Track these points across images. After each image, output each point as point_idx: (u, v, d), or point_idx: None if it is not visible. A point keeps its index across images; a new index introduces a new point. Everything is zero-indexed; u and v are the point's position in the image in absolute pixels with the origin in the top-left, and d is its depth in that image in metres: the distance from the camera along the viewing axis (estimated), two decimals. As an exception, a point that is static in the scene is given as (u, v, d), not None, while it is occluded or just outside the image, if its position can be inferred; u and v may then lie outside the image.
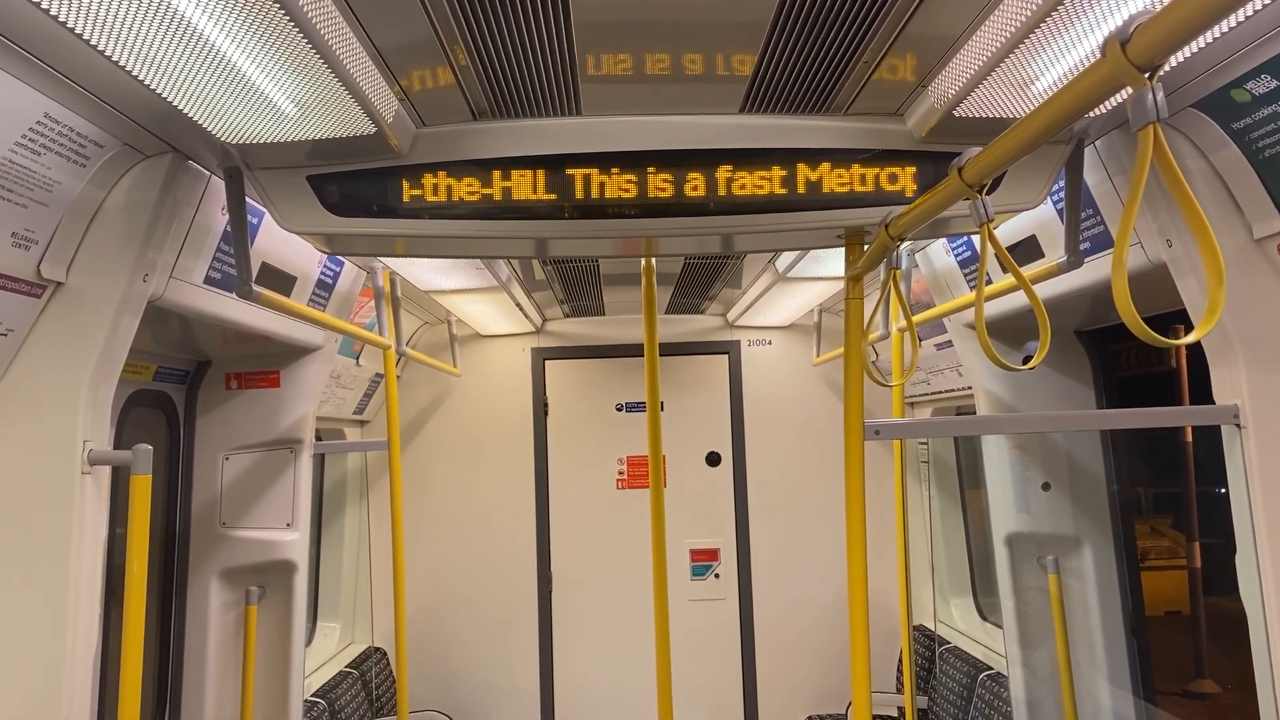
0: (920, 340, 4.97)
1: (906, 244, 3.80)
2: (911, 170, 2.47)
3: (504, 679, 6.08)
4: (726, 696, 6.15)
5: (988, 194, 2.35)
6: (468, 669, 6.07)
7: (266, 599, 3.85)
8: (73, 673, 2.30)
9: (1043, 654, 4.00)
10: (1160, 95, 1.14)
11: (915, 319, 3.75)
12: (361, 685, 5.15)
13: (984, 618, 5.49)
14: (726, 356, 6.33)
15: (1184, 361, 5.99)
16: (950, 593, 5.71)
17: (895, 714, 5.67)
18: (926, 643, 5.49)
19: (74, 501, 2.32)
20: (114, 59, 1.75)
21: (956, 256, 3.76)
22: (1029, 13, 1.78)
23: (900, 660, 5.71)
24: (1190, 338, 1.15)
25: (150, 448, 2.37)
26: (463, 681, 6.06)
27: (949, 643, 5.27)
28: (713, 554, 6.21)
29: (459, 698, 6.04)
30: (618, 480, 6.24)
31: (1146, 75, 1.14)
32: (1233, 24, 1.86)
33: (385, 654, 5.74)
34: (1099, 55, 1.90)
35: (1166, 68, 2.05)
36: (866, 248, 2.50)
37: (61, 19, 1.59)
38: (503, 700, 6.07)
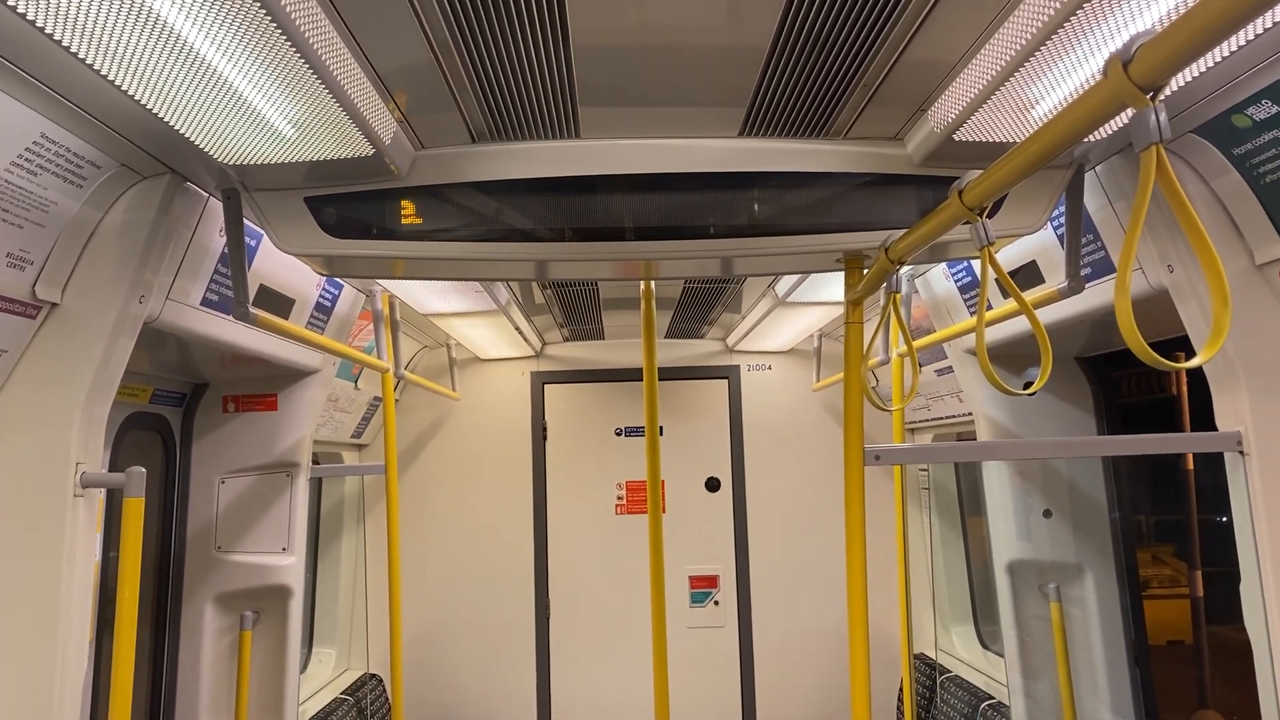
0: (920, 366, 4.96)
1: (906, 269, 3.80)
2: (910, 194, 2.46)
3: (501, 706, 6.02)
4: (726, 725, 6.09)
5: (988, 218, 2.35)
6: (465, 696, 6.01)
7: (261, 624, 3.82)
8: (62, 697, 2.26)
9: (1045, 683, 3.96)
10: (1163, 116, 1.13)
11: (915, 344, 3.74)
12: (357, 713, 5.09)
13: (985, 646, 5.44)
14: (726, 381, 6.31)
15: (1185, 389, 5.97)
16: (951, 621, 5.67)
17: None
18: (927, 671, 5.44)
19: (66, 524, 2.29)
20: (112, 80, 1.75)
21: (957, 282, 3.75)
22: (1029, 36, 1.77)
23: (901, 689, 5.66)
24: (1196, 360, 1.14)
25: (143, 470, 2.35)
26: (460, 708, 5.99)
27: (950, 671, 5.22)
28: (712, 580, 6.17)
29: None
30: (617, 505, 6.20)
31: (1149, 96, 1.13)
32: (1233, 49, 1.86)
33: (381, 680, 5.69)
34: (1101, 77, 1.91)
35: (1168, 92, 2.04)
36: (866, 271, 2.49)
37: (60, 39, 1.58)
38: None
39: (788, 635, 6.11)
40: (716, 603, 6.15)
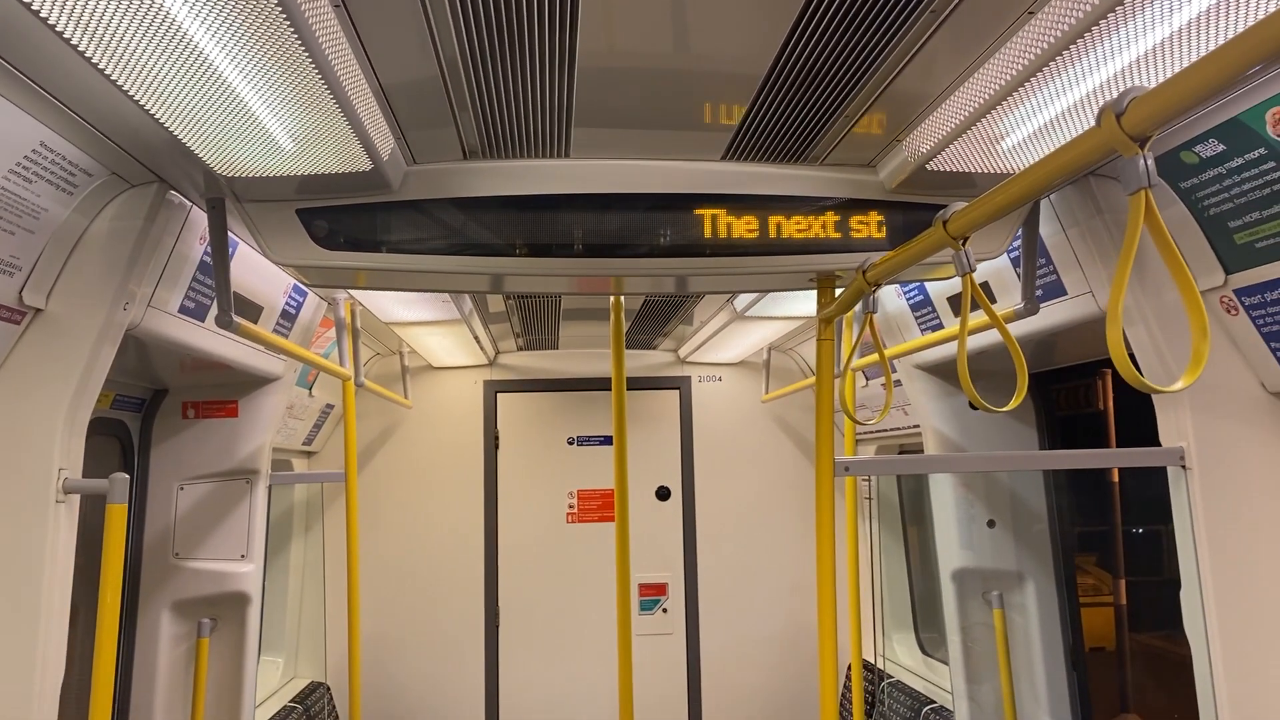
0: (868, 380, 5.12)
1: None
2: (881, 219, 2.58)
3: (449, 714, 6.02)
4: (672, 732, 6.17)
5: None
6: (413, 703, 6.00)
7: (219, 631, 3.79)
8: (41, 704, 2.26)
9: (987, 687, 4.11)
10: (1151, 162, 1.24)
11: (875, 356, 3.87)
12: (307, 721, 5.06)
13: (925, 653, 5.60)
14: (677, 392, 6.41)
15: (1111, 404, 6.24)
16: (892, 628, 5.83)
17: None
18: (870, 677, 5.58)
19: (47, 530, 2.29)
20: (124, 88, 1.75)
21: (909, 300, 3.89)
22: (1008, 77, 1.90)
23: (846, 694, 5.79)
24: (1177, 385, 1.25)
25: (126, 477, 2.35)
26: (407, 716, 5.98)
27: (892, 677, 5.37)
28: (660, 589, 6.25)
29: None
30: (568, 514, 6.26)
31: (1139, 145, 1.25)
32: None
33: (329, 689, 5.65)
34: (1070, 117, 2.04)
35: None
36: (838, 291, 2.60)
37: (74, 43, 1.57)
38: None
39: (734, 642, 6.22)
40: (665, 610, 6.23)
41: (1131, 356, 2.66)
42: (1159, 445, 2.65)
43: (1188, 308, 1.25)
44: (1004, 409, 1.85)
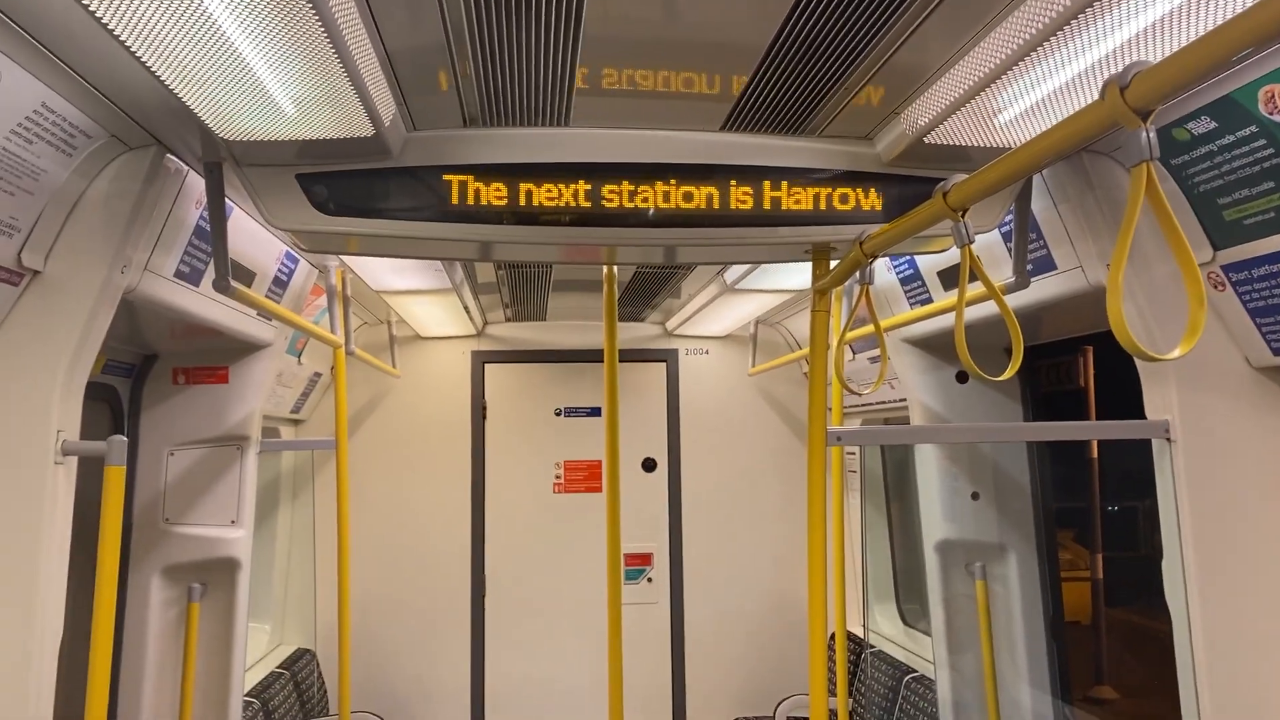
0: (855, 355, 5.16)
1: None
2: (877, 191, 2.61)
3: (435, 681, 6.07)
4: (656, 699, 6.24)
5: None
6: (398, 671, 6.05)
7: (208, 596, 3.81)
8: (40, 666, 2.28)
9: (969, 657, 4.18)
10: (1154, 136, 1.27)
11: (864, 330, 3.91)
12: (294, 686, 5.09)
13: (906, 623, 5.69)
14: (665, 364, 6.44)
15: (1091, 382, 6.32)
16: (874, 599, 5.91)
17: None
18: (853, 647, 5.67)
19: (45, 492, 2.30)
20: (129, 47, 1.71)
21: (898, 274, 3.92)
22: (1007, 53, 1.92)
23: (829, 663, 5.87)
24: (1175, 353, 1.28)
25: (124, 439, 2.36)
26: (393, 684, 6.03)
27: (874, 647, 5.45)
28: (646, 558, 6.31)
29: (388, 700, 6.01)
30: (554, 485, 6.30)
31: (1142, 118, 1.27)
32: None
33: (314, 656, 5.68)
34: (1066, 93, 2.06)
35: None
36: (835, 263, 2.62)
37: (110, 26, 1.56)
38: (433, 703, 6.06)
39: (719, 611, 6.30)
40: (650, 580, 6.29)
41: (1103, 333, 2.70)
42: (1143, 419, 2.70)
43: (1185, 277, 1.28)
44: (1000, 377, 1.88)
